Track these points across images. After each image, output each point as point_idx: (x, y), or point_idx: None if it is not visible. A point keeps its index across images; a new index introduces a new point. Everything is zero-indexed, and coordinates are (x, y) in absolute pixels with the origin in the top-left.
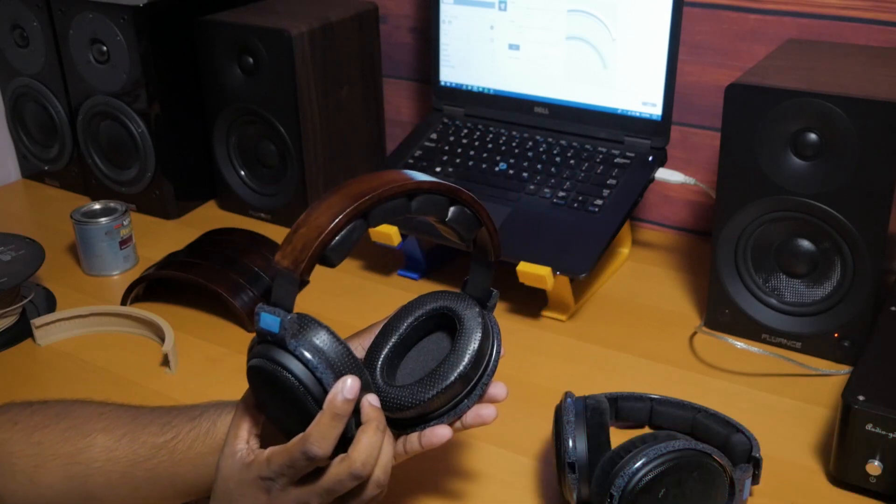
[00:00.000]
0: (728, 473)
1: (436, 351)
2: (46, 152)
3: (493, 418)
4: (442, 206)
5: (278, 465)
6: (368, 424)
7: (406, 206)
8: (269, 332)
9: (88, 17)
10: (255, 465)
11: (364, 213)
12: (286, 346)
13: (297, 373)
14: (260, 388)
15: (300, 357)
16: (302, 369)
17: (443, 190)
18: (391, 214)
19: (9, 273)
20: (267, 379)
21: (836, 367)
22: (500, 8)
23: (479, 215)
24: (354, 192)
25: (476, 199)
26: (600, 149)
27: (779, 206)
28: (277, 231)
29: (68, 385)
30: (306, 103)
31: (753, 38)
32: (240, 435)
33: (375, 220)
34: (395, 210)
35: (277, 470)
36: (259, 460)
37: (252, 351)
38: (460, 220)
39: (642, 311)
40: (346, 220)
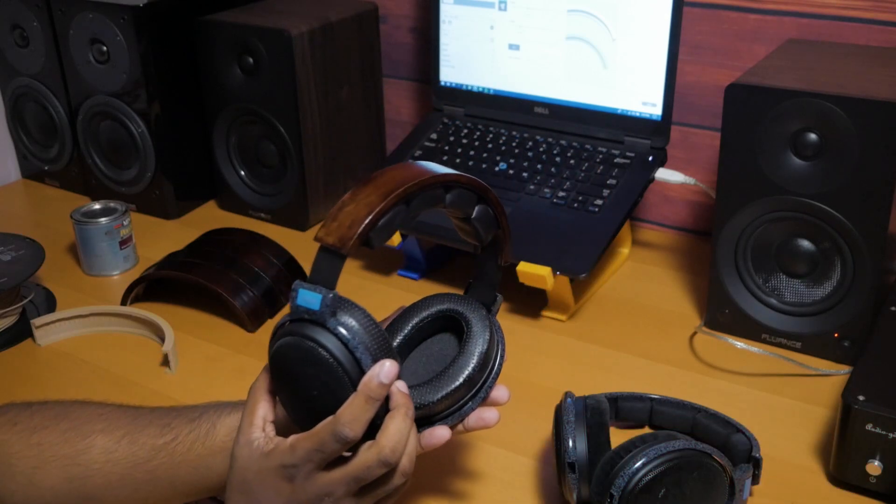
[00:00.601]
0: (728, 473)
1: (439, 353)
2: (46, 152)
3: (495, 421)
4: (471, 203)
5: (305, 450)
6: (398, 410)
7: (442, 198)
8: (306, 310)
9: (88, 17)
10: (276, 452)
11: (408, 198)
12: (326, 324)
13: (336, 352)
14: (287, 370)
15: (340, 336)
16: (341, 349)
17: (475, 186)
18: (429, 203)
19: (9, 273)
20: (301, 358)
21: (836, 367)
22: (500, 8)
23: (499, 217)
24: (398, 178)
25: (500, 200)
26: (600, 149)
27: (779, 206)
28: (277, 231)
29: (68, 385)
30: (306, 103)
31: (753, 38)
32: (255, 423)
33: (416, 208)
34: (433, 199)
35: (304, 456)
36: (281, 448)
37: (282, 329)
38: (484, 219)
39: (642, 311)
40: (394, 201)
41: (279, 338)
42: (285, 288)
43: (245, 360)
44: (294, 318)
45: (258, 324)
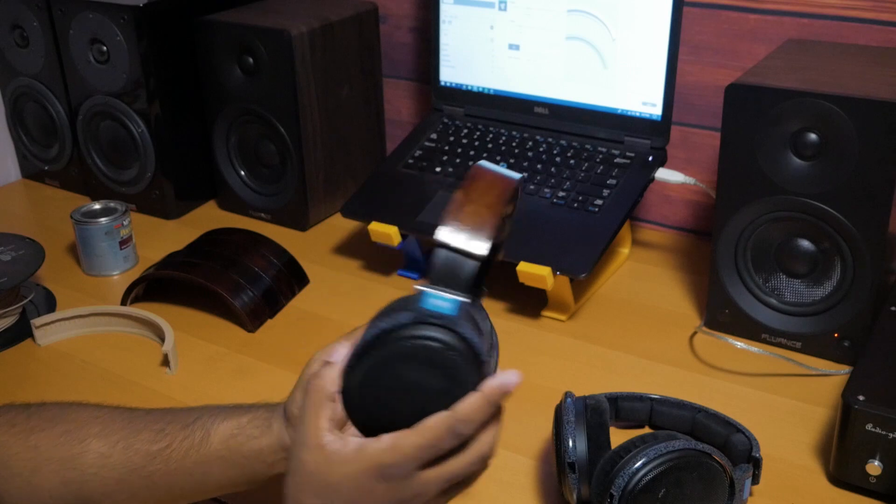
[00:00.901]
0: (728, 473)
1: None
2: (46, 152)
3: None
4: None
5: (413, 448)
6: (498, 421)
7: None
8: (439, 314)
9: (88, 17)
10: (369, 452)
11: (513, 201)
12: (457, 328)
13: (467, 358)
14: (404, 371)
15: (471, 342)
16: (471, 355)
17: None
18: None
19: (9, 273)
20: (429, 360)
21: (836, 367)
22: (500, 8)
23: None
24: (499, 184)
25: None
26: (600, 149)
27: (779, 206)
28: (277, 231)
29: (68, 385)
30: (306, 103)
31: (753, 38)
32: (321, 426)
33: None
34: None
35: (411, 454)
36: (376, 448)
37: (404, 329)
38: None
39: (642, 311)
40: (514, 207)
41: (406, 339)
42: (285, 288)
43: (245, 360)
44: (420, 320)
45: (258, 324)
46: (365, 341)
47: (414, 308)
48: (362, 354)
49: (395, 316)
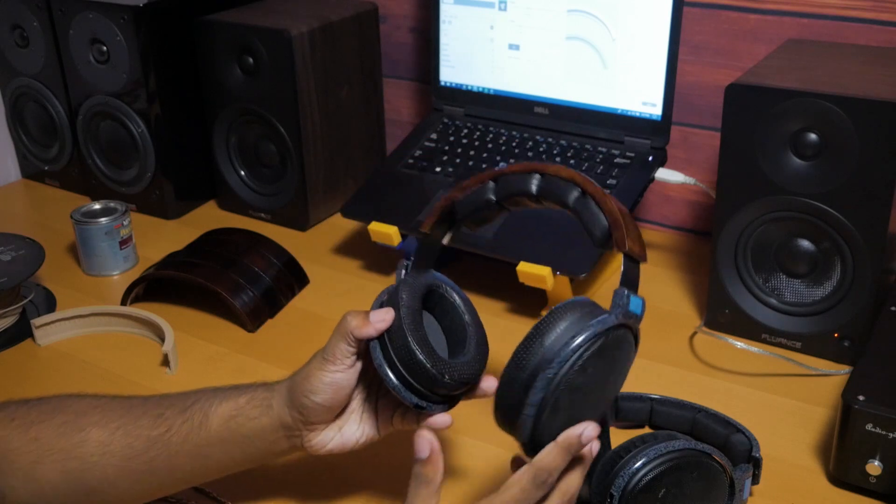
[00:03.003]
0: (728, 473)
1: (437, 329)
2: (46, 152)
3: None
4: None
5: (513, 499)
6: (584, 462)
7: None
8: (634, 315)
9: (88, 17)
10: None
11: None
12: (636, 332)
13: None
14: (603, 366)
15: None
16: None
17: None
18: None
19: (9, 273)
20: (621, 350)
21: (836, 367)
22: (500, 8)
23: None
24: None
25: (602, 191)
26: (600, 149)
27: (779, 206)
28: (277, 231)
29: (68, 385)
30: (306, 103)
31: (753, 38)
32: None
33: None
34: None
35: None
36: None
37: (611, 327)
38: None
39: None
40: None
41: (612, 329)
42: (285, 288)
43: (245, 359)
44: (621, 324)
45: (258, 324)
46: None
47: (619, 310)
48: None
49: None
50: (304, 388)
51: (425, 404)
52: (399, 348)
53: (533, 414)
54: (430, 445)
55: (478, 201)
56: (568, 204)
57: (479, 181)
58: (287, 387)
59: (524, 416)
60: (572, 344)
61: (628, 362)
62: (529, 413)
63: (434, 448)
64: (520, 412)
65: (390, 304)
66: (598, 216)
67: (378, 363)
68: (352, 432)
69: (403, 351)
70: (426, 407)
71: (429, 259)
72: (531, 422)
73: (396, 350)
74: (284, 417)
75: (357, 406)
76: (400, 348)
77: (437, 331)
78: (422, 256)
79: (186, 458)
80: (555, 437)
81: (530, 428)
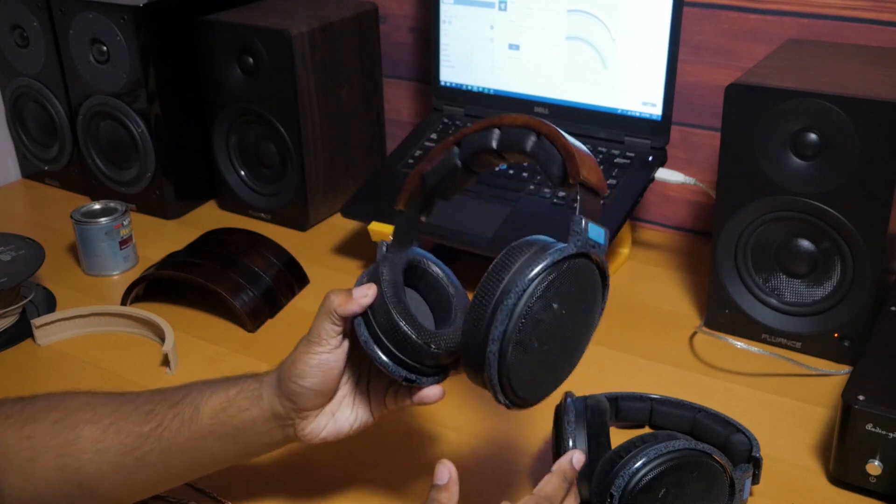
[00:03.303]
0: (728, 473)
1: (422, 304)
2: (46, 152)
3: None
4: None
5: None
6: (574, 488)
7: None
8: (596, 244)
9: (88, 17)
10: None
11: None
12: (602, 263)
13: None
14: (575, 291)
15: (602, 269)
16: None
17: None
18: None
19: (9, 273)
20: (592, 285)
21: (836, 367)
22: (500, 8)
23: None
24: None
25: (557, 130)
26: (600, 149)
27: (779, 206)
28: (277, 231)
29: (68, 385)
30: (306, 103)
31: (753, 38)
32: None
33: None
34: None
35: None
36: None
37: (570, 255)
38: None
39: (642, 311)
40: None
41: (571, 257)
42: (285, 288)
43: (245, 359)
44: (581, 252)
45: (258, 324)
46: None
47: (576, 237)
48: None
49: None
50: (292, 374)
51: (414, 377)
52: (383, 322)
53: (497, 350)
54: (450, 473)
55: (444, 168)
56: (526, 150)
57: (443, 148)
58: (276, 376)
59: (489, 354)
60: (530, 273)
61: (598, 300)
62: (493, 350)
63: (452, 476)
64: (484, 352)
65: (371, 280)
66: (553, 153)
67: (364, 339)
68: (345, 417)
69: (387, 324)
70: (416, 380)
71: (408, 237)
72: (496, 359)
73: (381, 324)
74: (275, 407)
75: (349, 391)
76: (384, 322)
77: (423, 306)
78: (401, 235)
79: (179, 453)
80: (527, 383)
81: (496, 367)
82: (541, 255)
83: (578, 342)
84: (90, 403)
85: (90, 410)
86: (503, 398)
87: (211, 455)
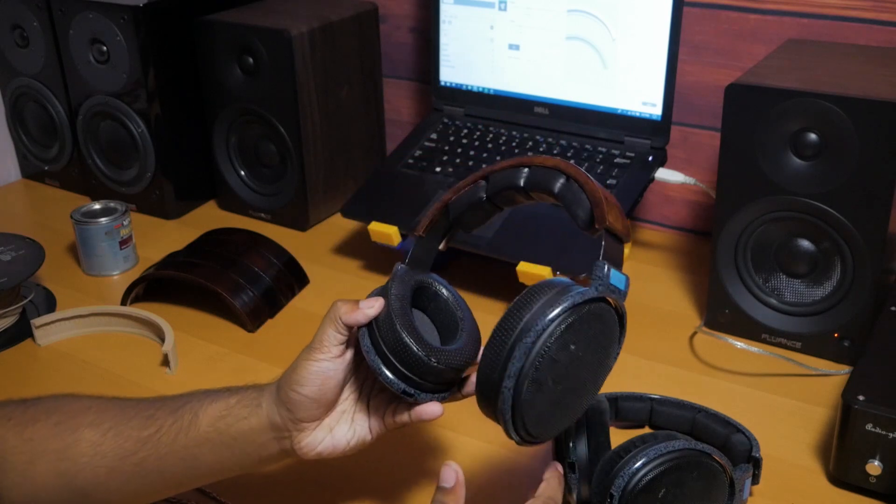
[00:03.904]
0: (728, 473)
1: (430, 325)
2: (46, 152)
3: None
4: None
5: None
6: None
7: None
8: (616, 289)
9: (88, 17)
10: None
11: None
12: (620, 308)
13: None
14: (585, 335)
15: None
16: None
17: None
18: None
19: (9, 273)
20: (607, 334)
21: (836, 367)
22: (500, 8)
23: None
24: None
25: (586, 175)
26: (600, 149)
27: (779, 206)
28: (277, 231)
29: (68, 385)
30: (306, 103)
31: (753, 38)
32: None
33: None
34: None
35: None
36: None
37: (591, 298)
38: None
39: (642, 311)
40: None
41: (591, 301)
42: (285, 288)
43: (245, 359)
44: (599, 296)
45: (258, 324)
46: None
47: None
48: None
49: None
50: (291, 381)
51: (413, 391)
52: (386, 333)
53: (512, 386)
54: (457, 476)
55: (469, 200)
56: (554, 192)
57: (471, 182)
58: (276, 384)
59: (504, 390)
60: (551, 314)
61: (614, 344)
62: (508, 385)
63: (459, 479)
64: (500, 387)
65: (380, 295)
66: (581, 197)
67: (366, 349)
68: (342, 433)
69: (390, 335)
70: (414, 394)
71: (424, 262)
72: (510, 395)
73: (384, 335)
74: (273, 416)
75: (349, 406)
76: (387, 333)
77: (431, 327)
78: (416, 259)
79: (175, 460)
80: (539, 420)
81: (510, 402)
82: (562, 296)
83: (592, 384)
84: (92, 407)
85: (92, 414)
86: (514, 434)
87: (206, 465)
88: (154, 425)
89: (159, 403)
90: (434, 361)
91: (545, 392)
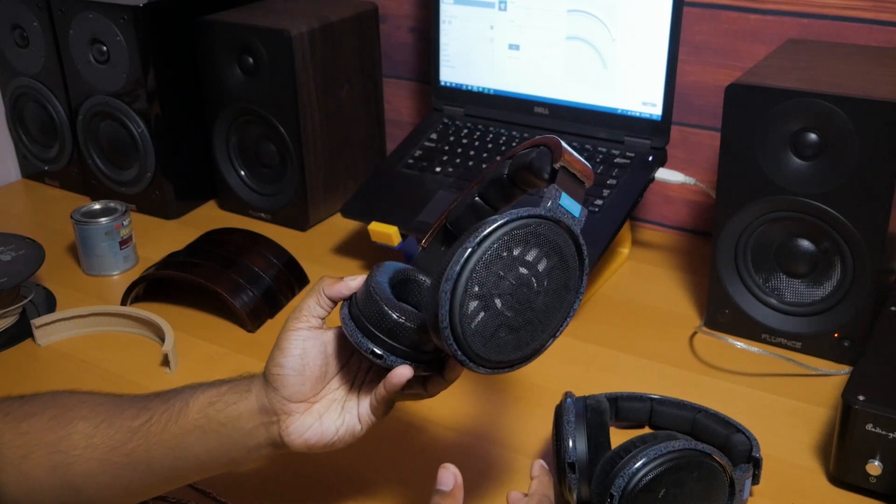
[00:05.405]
0: (728, 473)
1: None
2: (46, 152)
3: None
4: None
5: None
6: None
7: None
8: (568, 214)
9: (88, 17)
10: None
11: None
12: (574, 231)
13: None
14: (530, 248)
15: (581, 247)
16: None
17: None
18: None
19: (9, 273)
20: (555, 246)
21: (836, 367)
22: (500, 8)
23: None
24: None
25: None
26: (600, 149)
27: (779, 206)
28: (277, 231)
29: (68, 385)
30: (306, 103)
31: (753, 38)
32: None
33: None
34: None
35: None
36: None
37: (536, 216)
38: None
39: (642, 311)
40: None
41: (531, 217)
42: (285, 288)
43: (245, 359)
44: (552, 219)
45: (258, 324)
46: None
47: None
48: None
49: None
50: (274, 355)
51: (381, 352)
52: (361, 299)
53: (450, 290)
54: (455, 479)
55: (463, 203)
56: (526, 162)
57: (466, 191)
58: (264, 369)
59: (442, 292)
60: (491, 226)
61: (573, 273)
62: (446, 289)
63: (458, 482)
64: (437, 291)
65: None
66: (544, 153)
67: (342, 316)
68: (331, 421)
69: (363, 299)
70: (382, 355)
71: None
72: (448, 298)
73: (359, 302)
74: (262, 399)
75: (340, 396)
76: (362, 298)
77: (416, 315)
78: (418, 269)
79: (164, 450)
80: (487, 342)
81: (448, 307)
82: (506, 215)
83: (552, 316)
84: (87, 401)
85: (87, 408)
86: (457, 349)
87: (193, 455)
88: (146, 415)
89: (153, 396)
90: (397, 315)
91: (492, 312)
